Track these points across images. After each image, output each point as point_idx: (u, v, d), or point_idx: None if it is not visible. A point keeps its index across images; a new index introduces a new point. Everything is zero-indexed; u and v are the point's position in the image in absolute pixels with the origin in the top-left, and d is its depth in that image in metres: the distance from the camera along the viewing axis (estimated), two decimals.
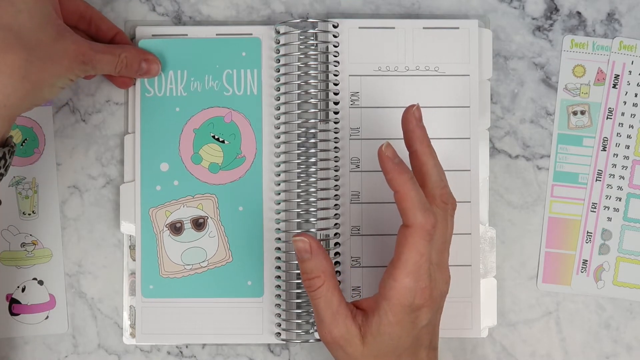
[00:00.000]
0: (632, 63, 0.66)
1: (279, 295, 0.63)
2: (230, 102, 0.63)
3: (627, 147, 0.66)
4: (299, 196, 0.63)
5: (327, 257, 0.55)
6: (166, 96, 0.63)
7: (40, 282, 0.65)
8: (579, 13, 0.67)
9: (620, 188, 0.66)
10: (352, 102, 0.64)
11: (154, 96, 0.63)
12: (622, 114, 0.66)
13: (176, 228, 0.63)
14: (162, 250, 0.63)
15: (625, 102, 0.66)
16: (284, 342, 0.64)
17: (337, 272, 0.64)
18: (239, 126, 0.63)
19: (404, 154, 0.56)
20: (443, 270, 0.56)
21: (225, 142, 0.63)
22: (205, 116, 0.63)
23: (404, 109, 0.56)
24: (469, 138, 0.64)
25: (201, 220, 0.63)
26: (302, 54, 0.63)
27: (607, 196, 0.66)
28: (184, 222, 0.63)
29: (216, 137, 0.63)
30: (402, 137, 0.59)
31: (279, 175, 0.64)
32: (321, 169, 0.63)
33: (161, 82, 0.63)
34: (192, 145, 0.63)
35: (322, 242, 0.63)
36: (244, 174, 0.63)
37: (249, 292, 0.63)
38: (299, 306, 0.63)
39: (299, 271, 0.63)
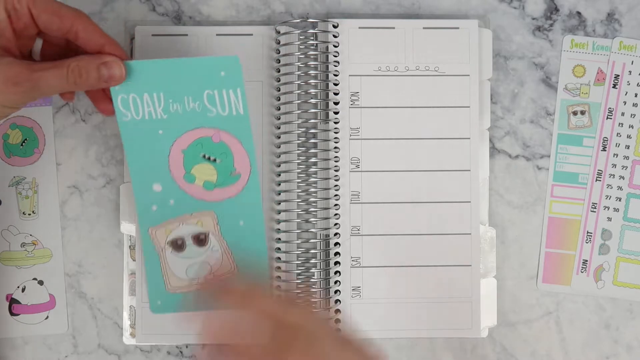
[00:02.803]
0: (632, 63, 0.66)
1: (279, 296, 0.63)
2: (216, 123, 0.59)
3: (627, 147, 0.66)
4: (299, 196, 0.63)
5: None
6: (145, 119, 0.59)
7: (40, 282, 0.65)
8: (579, 13, 0.67)
9: (620, 188, 0.66)
10: (352, 102, 0.64)
11: (132, 120, 0.59)
12: (622, 114, 0.66)
13: (178, 245, 0.61)
14: (167, 266, 0.62)
15: (625, 102, 0.66)
16: None
17: (337, 272, 0.64)
18: (229, 145, 0.60)
19: (404, 154, 0.55)
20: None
21: (217, 160, 0.60)
22: (192, 137, 0.60)
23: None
24: (469, 138, 0.64)
25: (202, 237, 0.61)
26: (302, 54, 0.63)
27: (607, 196, 0.66)
28: (185, 239, 0.61)
29: (207, 156, 0.60)
30: (401, 137, 0.59)
31: (279, 175, 0.64)
32: (321, 169, 0.63)
33: (137, 106, 0.59)
34: (182, 165, 0.60)
35: (322, 242, 0.63)
36: (240, 189, 0.61)
37: None
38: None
39: (298, 271, 0.63)
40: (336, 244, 0.64)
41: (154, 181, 0.60)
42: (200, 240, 0.61)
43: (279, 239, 0.63)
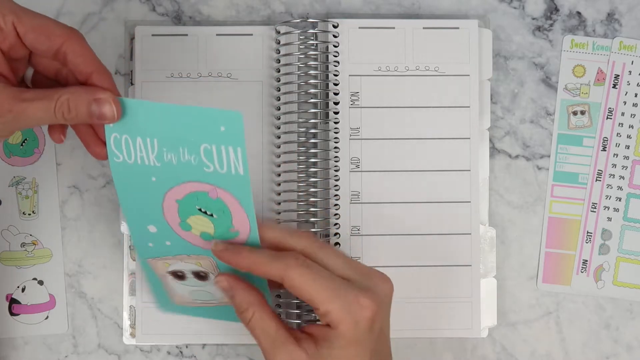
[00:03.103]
0: (632, 63, 0.66)
1: (279, 296, 0.63)
2: (213, 179, 0.52)
3: (627, 147, 0.66)
4: (298, 196, 0.63)
5: (251, 288, 0.53)
6: (137, 164, 0.53)
7: (40, 282, 0.65)
8: (579, 13, 0.67)
9: (620, 188, 0.66)
10: (352, 102, 0.64)
11: (124, 162, 0.53)
12: (622, 114, 0.66)
13: (178, 276, 0.58)
14: (170, 288, 0.60)
15: (625, 102, 0.66)
16: None
17: None
18: (227, 203, 0.53)
19: (404, 154, 0.55)
20: (370, 272, 0.54)
21: (214, 216, 0.54)
22: (187, 189, 0.53)
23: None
24: (469, 138, 0.64)
25: (202, 274, 0.58)
26: (302, 54, 0.63)
27: (607, 196, 0.66)
28: (186, 272, 0.58)
29: (203, 210, 0.54)
30: (401, 137, 0.59)
31: (279, 175, 0.64)
32: (321, 169, 0.63)
33: (129, 149, 0.52)
34: (177, 214, 0.55)
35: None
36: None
37: None
38: (298, 306, 0.63)
39: None
40: (336, 244, 0.64)
41: (148, 223, 0.56)
42: (201, 276, 0.58)
43: None
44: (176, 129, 0.52)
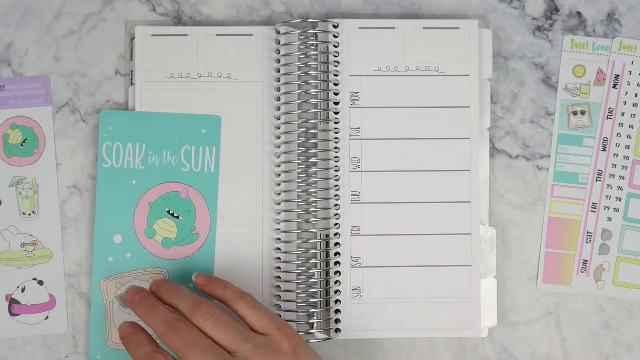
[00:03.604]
0: (632, 63, 0.66)
1: (278, 296, 0.63)
2: (186, 178, 0.63)
3: (627, 147, 0.66)
4: (299, 196, 0.63)
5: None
6: (123, 168, 0.63)
7: (40, 282, 0.64)
8: (579, 13, 0.67)
9: (620, 188, 0.66)
10: (352, 102, 0.64)
11: (111, 167, 0.63)
12: (622, 114, 0.66)
13: (125, 300, 0.61)
14: (111, 321, 0.63)
15: (625, 102, 0.66)
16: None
17: (337, 272, 0.64)
18: (194, 203, 0.63)
19: (404, 154, 0.55)
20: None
21: (180, 217, 0.63)
22: (162, 191, 0.63)
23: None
24: (469, 138, 0.64)
25: None
26: (302, 54, 0.63)
27: (607, 196, 0.66)
28: None
29: (171, 212, 0.63)
30: (401, 137, 0.59)
31: (279, 175, 0.64)
32: (321, 169, 0.63)
33: (119, 154, 0.63)
34: (146, 219, 0.63)
35: (322, 242, 0.63)
36: (196, 250, 0.63)
37: None
38: (298, 306, 0.63)
39: (299, 271, 0.63)
40: (336, 244, 0.64)
41: (115, 232, 0.63)
42: None
43: (279, 239, 0.63)
44: (163, 134, 0.63)
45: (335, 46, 0.64)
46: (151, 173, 0.63)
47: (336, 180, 0.64)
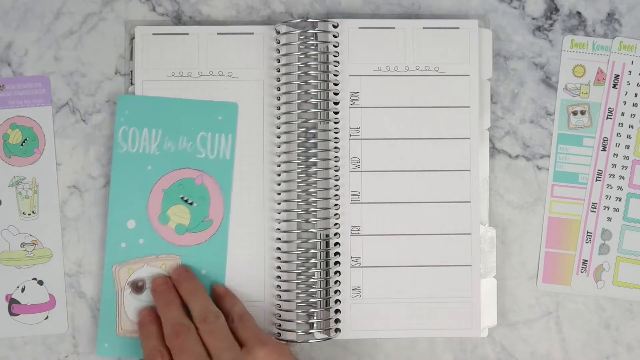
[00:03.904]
0: (632, 63, 0.66)
1: (278, 296, 0.63)
2: (202, 165, 0.63)
3: (627, 147, 0.66)
4: (299, 196, 0.63)
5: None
6: (139, 153, 0.63)
7: (40, 282, 0.64)
8: (579, 13, 0.67)
9: (620, 188, 0.66)
10: (352, 102, 0.64)
11: (126, 152, 0.63)
12: (622, 114, 0.66)
13: (138, 287, 0.63)
14: (122, 308, 0.63)
15: (625, 102, 0.66)
16: (284, 342, 0.63)
17: (337, 272, 0.64)
18: (208, 189, 0.63)
19: (404, 154, 0.55)
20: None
21: (194, 204, 0.63)
22: (176, 177, 0.63)
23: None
24: (469, 138, 0.64)
25: None
26: (302, 54, 0.63)
27: (607, 196, 0.66)
28: (146, 282, 0.63)
29: (185, 198, 0.63)
30: (401, 137, 0.58)
31: (279, 175, 0.64)
32: (321, 169, 0.63)
33: (135, 139, 0.63)
34: (160, 205, 0.63)
35: (322, 242, 0.63)
36: (209, 237, 0.63)
37: None
38: (298, 306, 0.63)
39: (299, 271, 0.63)
40: (336, 244, 0.64)
41: (129, 217, 0.63)
42: None
43: (279, 238, 0.63)
44: (180, 120, 0.63)
45: (335, 46, 0.64)
46: (166, 159, 0.63)
47: (336, 180, 0.64)
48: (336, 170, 0.64)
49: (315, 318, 0.63)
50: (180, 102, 0.63)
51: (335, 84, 0.64)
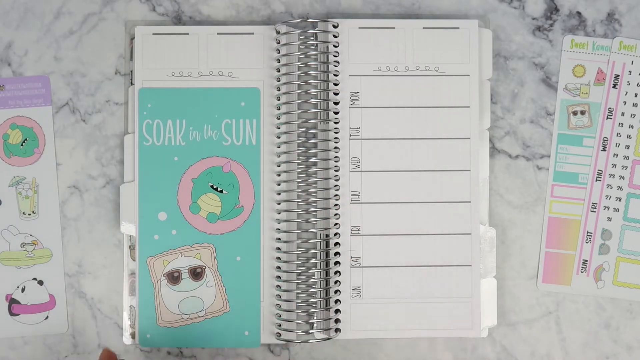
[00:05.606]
0: (632, 63, 0.66)
1: (278, 296, 0.63)
2: (229, 152, 0.63)
3: (627, 147, 0.66)
4: (299, 196, 0.63)
5: None
6: (165, 145, 0.63)
7: (40, 282, 0.64)
8: (579, 13, 0.67)
9: (620, 188, 0.66)
10: (352, 102, 0.64)
11: (152, 145, 0.63)
12: (622, 114, 0.66)
13: (174, 277, 0.63)
14: (160, 299, 0.63)
15: (625, 102, 0.66)
16: (284, 342, 0.64)
17: (337, 272, 0.64)
18: (237, 176, 0.63)
19: (404, 154, 0.55)
20: None
21: (224, 192, 0.63)
22: (204, 166, 0.63)
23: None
24: (469, 138, 0.64)
25: (199, 270, 0.63)
26: (302, 54, 0.63)
27: (607, 196, 0.66)
28: (182, 272, 0.63)
29: (214, 186, 0.63)
30: (401, 137, 0.58)
31: (279, 175, 0.64)
32: (321, 169, 0.63)
33: (159, 132, 0.63)
34: (190, 195, 0.63)
35: (322, 242, 0.63)
36: (242, 224, 0.63)
37: (246, 342, 0.63)
38: (298, 306, 0.63)
39: (299, 271, 0.63)
40: (336, 244, 0.64)
41: (160, 210, 0.63)
42: (197, 273, 0.63)
43: (279, 239, 0.63)
44: (203, 109, 0.63)
45: (335, 46, 0.64)
46: (193, 149, 0.63)
47: (336, 180, 0.64)
48: (336, 170, 0.64)
49: (315, 318, 0.63)
50: (202, 91, 0.63)
51: (335, 84, 0.64)
